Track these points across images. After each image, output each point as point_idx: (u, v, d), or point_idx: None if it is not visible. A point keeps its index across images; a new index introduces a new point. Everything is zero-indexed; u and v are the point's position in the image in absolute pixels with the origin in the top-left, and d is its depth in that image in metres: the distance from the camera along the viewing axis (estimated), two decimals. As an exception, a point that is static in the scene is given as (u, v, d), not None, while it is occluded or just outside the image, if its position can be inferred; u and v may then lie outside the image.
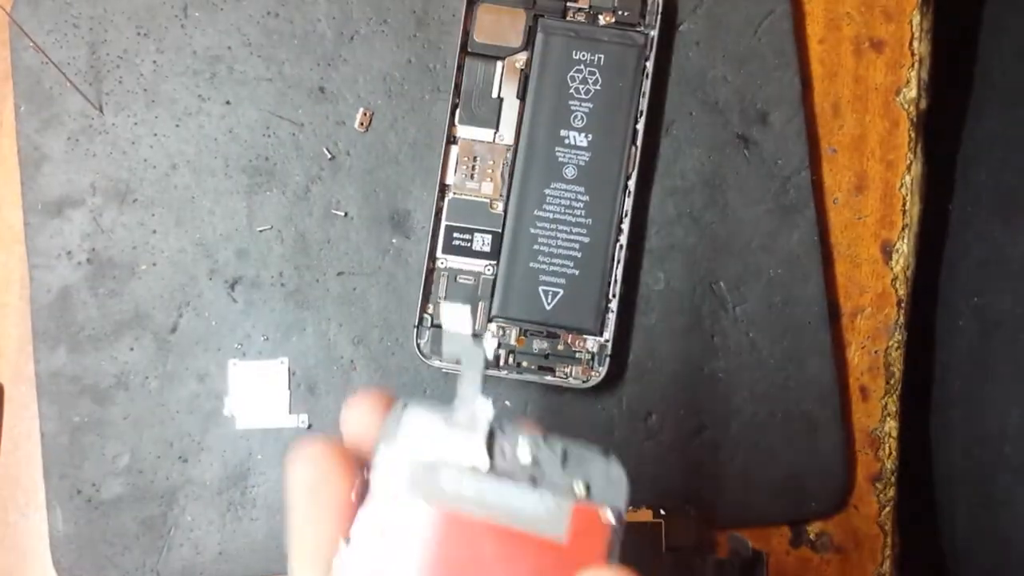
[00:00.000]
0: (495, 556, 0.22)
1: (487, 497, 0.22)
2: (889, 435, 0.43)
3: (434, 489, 0.22)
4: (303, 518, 0.22)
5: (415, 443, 0.23)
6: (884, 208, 0.43)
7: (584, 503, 0.22)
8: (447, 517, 0.22)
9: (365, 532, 0.22)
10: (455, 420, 0.23)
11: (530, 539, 0.22)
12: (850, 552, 0.42)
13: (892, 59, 0.44)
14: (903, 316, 0.43)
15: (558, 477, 0.23)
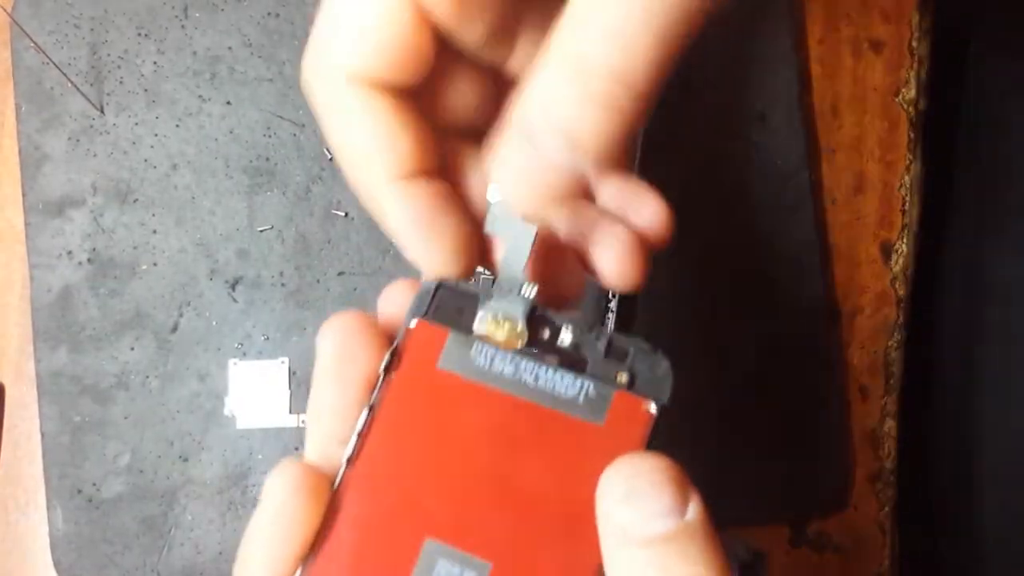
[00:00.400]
0: (527, 434, 0.21)
1: (523, 377, 0.21)
2: (889, 435, 0.43)
3: (466, 364, 0.21)
4: (326, 386, 0.21)
5: (448, 316, 0.22)
6: (884, 208, 0.43)
7: (626, 392, 0.22)
8: (477, 391, 0.21)
9: (390, 402, 0.21)
10: (493, 297, 0.22)
11: (565, 421, 0.21)
12: (850, 552, 0.42)
13: (892, 59, 0.44)
14: (903, 316, 0.43)
15: (600, 364, 0.22)
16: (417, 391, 0.21)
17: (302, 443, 0.41)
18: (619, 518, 0.19)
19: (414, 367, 0.21)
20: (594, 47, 0.19)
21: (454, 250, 0.22)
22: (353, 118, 0.22)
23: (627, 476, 0.20)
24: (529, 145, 0.20)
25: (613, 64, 0.19)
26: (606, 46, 0.19)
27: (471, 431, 0.21)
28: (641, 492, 0.20)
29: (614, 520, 0.20)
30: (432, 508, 0.20)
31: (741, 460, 0.41)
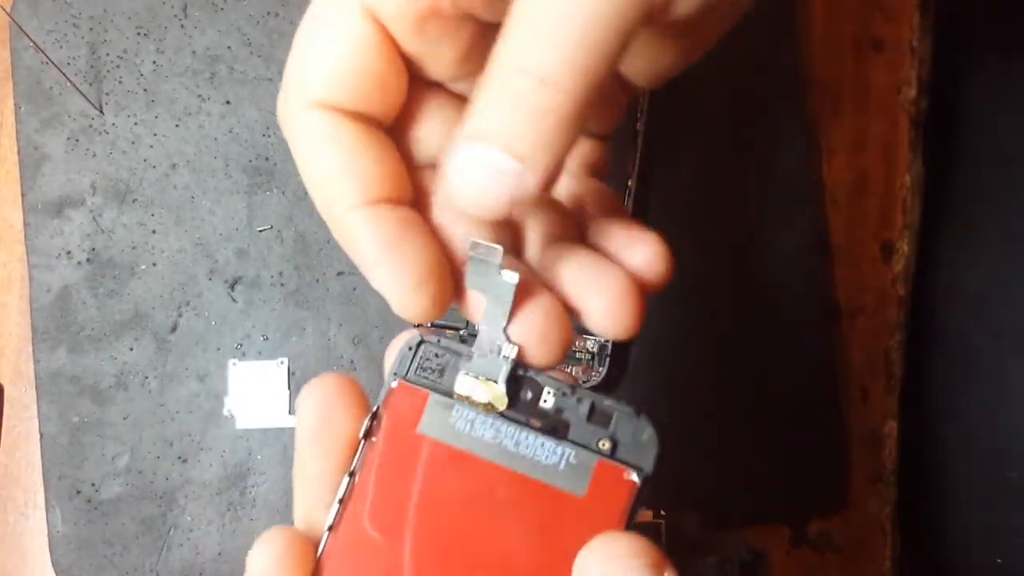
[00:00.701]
0: (507, 502, 0.21)
1: (503, 442, 0.21)
2: (889, 435, 0.43)
3: (446, 428, 0.21)
4: (307, 451, 0.21)
5: (430, 375, 0.22)
6: (884, 208, 0.43)
7: (608, 461, 0.21)
8: (457, 456, 0.21)
9: (370, 467, 0.21)
10: (474, 356, 0.22)
11: (546, 490, 0.21)
12: (850, 552, 0.42)
13: (892, 59, 0.44)
14: (903, 316, 0.43)
15: (582, 430, 0.22)
16: (397, 457, 0.21)
17: (301, 443, 0.41)
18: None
19: (394, 432, 0.21)
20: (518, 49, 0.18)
21: (420, 277, 0.21)
22: (319, 144, 0.21)
23: (601, 561, 0.19)
24: (471, 152, 0.19)
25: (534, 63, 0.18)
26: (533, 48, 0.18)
27: (451, 498, 0.21)
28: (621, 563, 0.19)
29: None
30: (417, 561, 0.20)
31: (741, 460, 0.41)
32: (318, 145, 0.21)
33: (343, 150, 0.21)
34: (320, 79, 0.21)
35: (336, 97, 0.21)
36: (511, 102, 0.19)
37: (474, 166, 0.19)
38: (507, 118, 0.19)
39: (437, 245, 0.22)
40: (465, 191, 0.19)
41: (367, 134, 0.21)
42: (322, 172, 0.21)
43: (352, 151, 0.21)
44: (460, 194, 0.19)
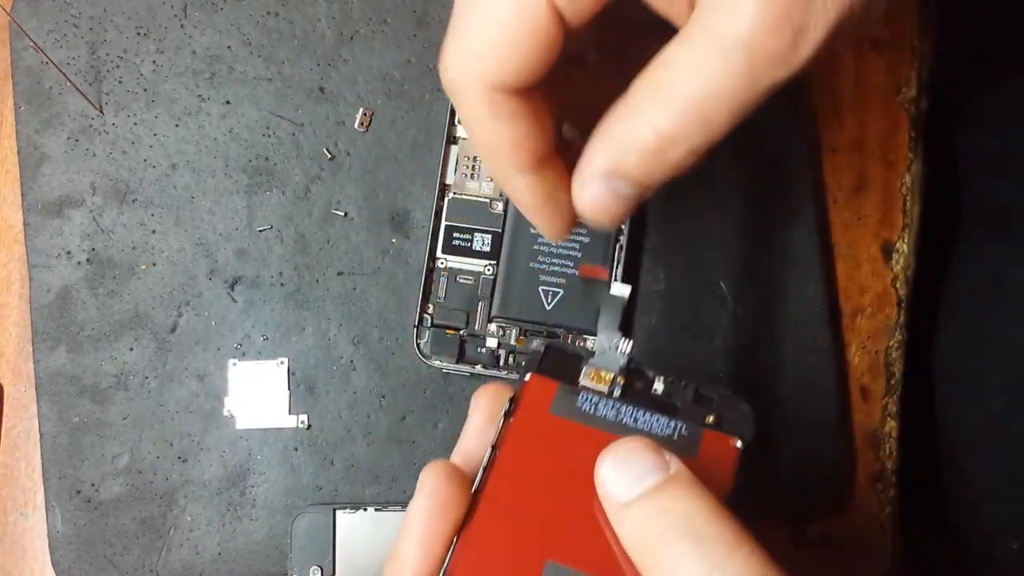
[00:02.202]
0: None
1: (624, 419, 0.25)
2: (889, 435, 0.43)
3: (573, 409, 0.25)
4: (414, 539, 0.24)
5: (557, 372, 0.25)
6: (884, 208, 0.43)
7: (715, 431, 0.25)
8: (585, 432, 0.24)
9: (510, 442, 0.24)
10: (596, 354, 0.26)
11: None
12: (850, 552, 0.42)
13: (892, 59, 0.44)
14: (903, 316, 0.43)
15: (690, 409, 0.26)
16: (533, 433, 0.24)
17: (301, 443, 0.41)
18: (613, 487, 0.22)
19: (530, 412, 0.25)
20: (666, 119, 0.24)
21: (564, 228, 0.27)
22: (487, 125, 0.25)
23: (612, 452, 0.23)
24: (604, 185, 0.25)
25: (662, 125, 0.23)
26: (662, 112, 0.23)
27: (580, 467, 0.23)
28: (626, 459, 0.22)
29: (610, 490, 0.22)
30: (550, 534, 0.23)
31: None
32: (490, 125, 0.25)
33: (503, 130, 0.25)
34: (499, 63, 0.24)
35: (514, 78, 0.24)
36: (639, 148, 0.24)
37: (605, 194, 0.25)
38: (633, 159, 0.24)
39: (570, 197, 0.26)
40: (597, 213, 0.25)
41: (526, 107, 0.25)
42: (488, 145, 0.26)
43: (510, 131, 0.25)
44: (593, 215, 0.26)
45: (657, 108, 0.24)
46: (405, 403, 0.41)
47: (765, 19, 0.22)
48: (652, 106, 0.24)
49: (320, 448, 0.41)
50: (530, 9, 0.23)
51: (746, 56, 0.22)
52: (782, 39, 0.22)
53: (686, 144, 0.24)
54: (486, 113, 0.25)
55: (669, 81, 0.24)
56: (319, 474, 0.41)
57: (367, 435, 0.41)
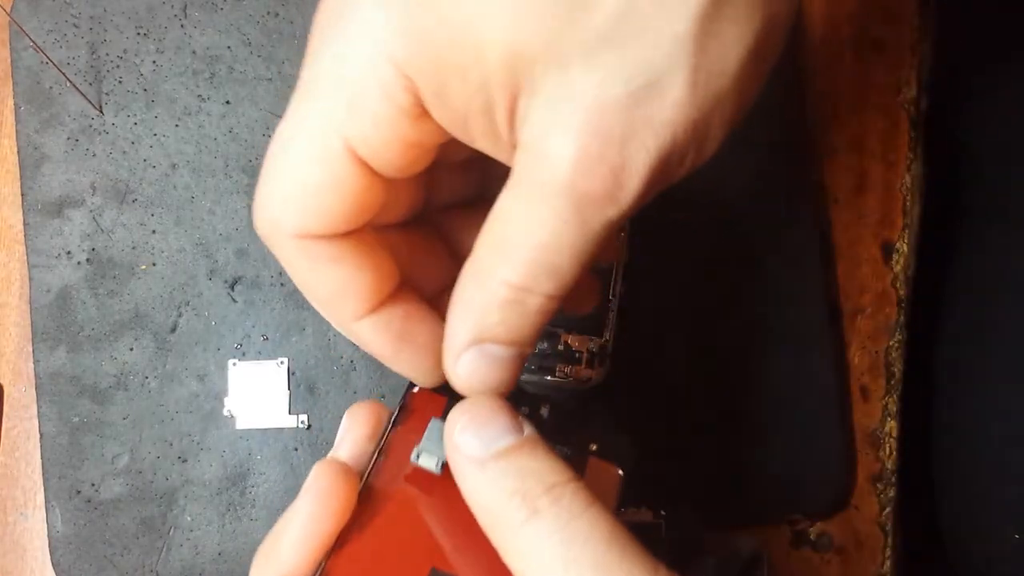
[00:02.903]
0: None
1: None
2: (889, 435, 0.43)
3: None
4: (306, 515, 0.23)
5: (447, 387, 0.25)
6: (884, 208, 0.43)
7: (598, 458, 0.25)
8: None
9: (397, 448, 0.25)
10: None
11: None
12: (850, 552, 0.42)
13: (892, 59, 0.44)
14: (903, 316, 0.43)
15: (576, 436, 0.26)
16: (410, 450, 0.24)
17: (301, 443, 0.41)
18: (467, 446, 0.22)
19: (417, 422, 0.25)
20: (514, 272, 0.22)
21: (429, 367, 0.25)
22: (306, 273, 0.24)
23: (466, 410, 0.23)
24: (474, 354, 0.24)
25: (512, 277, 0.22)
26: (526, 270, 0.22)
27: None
28: (482, 418, 0.22)
29: (463, 450, 0.22)
30: (434, 541, 0.23)
31: (742, 460, 0.41)
32: (308, 273, 0.24)
33: (332, 275, 0.24)
34: (293, 207, 0.23)
35: (319, 227, 0.23)
36: (497, 306, 0.23)
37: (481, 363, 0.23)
38: (494, 319, 0.23)
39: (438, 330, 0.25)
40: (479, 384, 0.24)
41: (350, 251, 0.24)
42: (318, 295, 0.25)
43: (341, 273, 0.24)
44: (470, 385, 0.24)
45: (502, 263, 0.23)
46: (405, 403, 0.41)
47: (581, 163, 0.21)
48: (497, 262, 0.23)
49: (320, 448, 0.41)
50: (331, 161, 0.22)
51: (571, 202, 0.21)
52: (602, 181, 0.21)
53: (541, 292, 0.23)
54: (302, 261, 0.24)
55: (507, 234, 0.23)
56: (319, 474, 0.41)
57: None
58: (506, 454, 0.22)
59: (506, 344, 0.23)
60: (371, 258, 0.24)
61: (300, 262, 0.24)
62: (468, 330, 0.23)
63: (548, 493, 0.21)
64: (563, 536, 0.20)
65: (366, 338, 0.25)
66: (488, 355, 0.24)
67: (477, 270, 0.23)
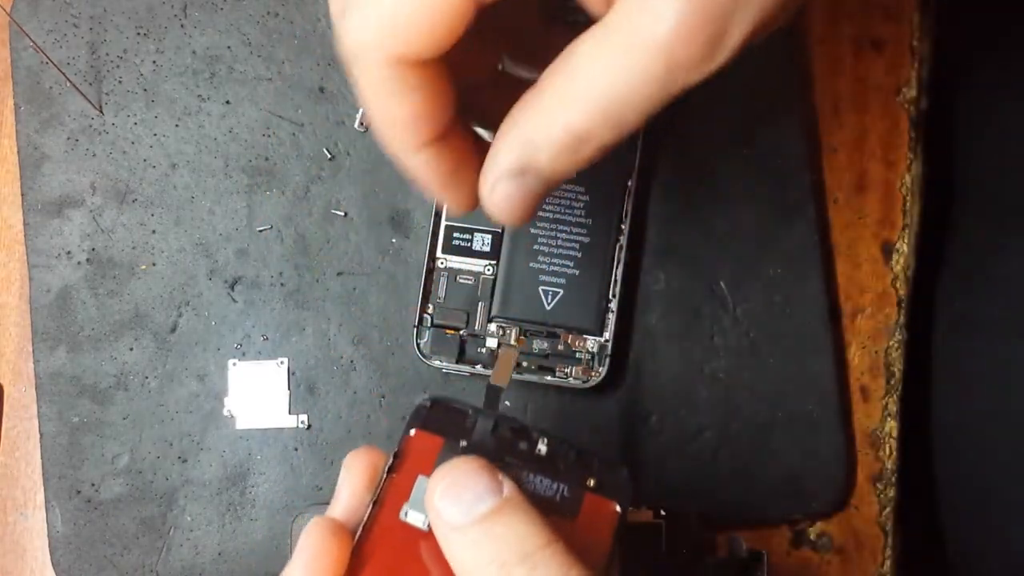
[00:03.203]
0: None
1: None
2: (889, 435, 0.43)
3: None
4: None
5: (441, 427, 0.26)
6: (884, 208, 0.43)
7: (595, 495, 0.25)
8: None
9: (392, 497, 0.24)
10: (480, 416, 0.26)
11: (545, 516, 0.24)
12: (851, 552, 0.42)
13: (892, 59, 0.44)
14: (903, 316, 0.43)
15: (573, 472, 0.25)
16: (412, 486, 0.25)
17: (301, 443, 0.41)
18: (447, 512, 0.22)
19: (413, 469, 0.25)
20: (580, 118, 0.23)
21: (471, 203, 0.27)
22: (385, 99, 0.24)
23: (445, 474, 0.23)
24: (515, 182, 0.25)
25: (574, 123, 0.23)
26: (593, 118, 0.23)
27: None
28: (460, 483, 0.23)
29: (444, 516, 0.23)
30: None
31: (742, 460, 0.41)
32: (388, 98, 0.24)
33: (410, 102, 0.24)
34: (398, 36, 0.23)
35: (414, 51, 0.23)
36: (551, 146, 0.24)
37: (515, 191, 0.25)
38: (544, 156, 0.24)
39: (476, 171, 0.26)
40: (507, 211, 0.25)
41: (427, 80, 0.24)
42: (386, 119, 0.25)
43: (418, 101, 0.24)
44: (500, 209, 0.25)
45: (570, 107, 0.23)
46: (405, 403, 0.41)
47: (686, 25, 0.22)
48: (565, 105, 0.24)
49: (320, 448, 0.41)
50: None
51: (664, 61, 0.22)
52: (699, 49, 0.22)
53: (598, 142, 0.24)
54: (385, 86, 0.24)
55: (583, 81, 0.23)
56: (319, 474, 0.41)
57: (367, 435, 0.41)
58: (484, 520, 0.22)
59: (545, 180, 0.25)
60: (444, 89, 0.25)
61: (384, 86, 0.24)
62: (515, 160, 0.24)
63: (523, 563, 0.21)
64: None
65: (422, 167, 0.26)
66: (525, 186, 0.25)
67: (540, 107, 0.24)
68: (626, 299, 0.41)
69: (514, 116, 0.25)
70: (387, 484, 0.25)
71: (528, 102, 0.24)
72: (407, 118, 0.24)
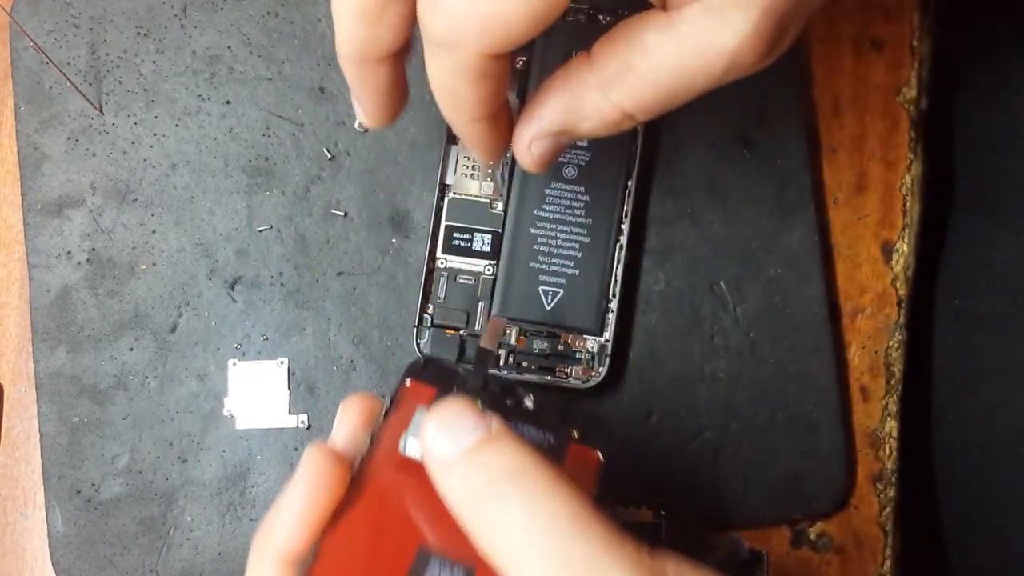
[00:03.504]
0: None
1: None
2: (889, 435, 0.43)
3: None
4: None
5: (435, 381, 0.27)
6: (884, 208, 0.43)
7: (579, 444, 0.27)
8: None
9: (388, 438, 0.26)
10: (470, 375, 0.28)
11: None
12: (850, 552, 0.42)
13: (892, 59, 0.44)
14: (903, 316, 0.43)
15: (557, 424, 0.27)
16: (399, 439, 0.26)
17: (301, 443, 0.41)
18: (438, 448, 0.23)
19: (409, 411, 0.26)
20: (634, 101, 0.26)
21: (499, 154, 0.30)
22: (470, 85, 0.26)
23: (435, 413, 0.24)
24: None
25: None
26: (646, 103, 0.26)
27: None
28: (449, 419, 0.24)
29: (436, 453, 0.23)
30: (422, 523, 0.24)
31: (741, 460, 0.41)
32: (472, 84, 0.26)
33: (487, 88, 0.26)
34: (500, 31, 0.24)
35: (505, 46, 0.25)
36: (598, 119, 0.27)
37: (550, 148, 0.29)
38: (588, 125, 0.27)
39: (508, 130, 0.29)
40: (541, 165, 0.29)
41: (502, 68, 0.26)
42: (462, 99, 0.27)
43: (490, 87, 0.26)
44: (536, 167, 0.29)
45: (627, 91, 0.26)
46: (405, 403, 0.41)
47: (756, 35, 0.24)
48: (623, 87, 0.26)
49: (320, 448, 0.41)
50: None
51: (728, 63, 0.24)
52: (759, 56, 0.24)
53: (638, 121, 0.26)
54: (470, 73, 0.25)
55: (644, 69, 0.25)
56: (319, 474, 0.41)
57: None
58: (473, 451, 0.23)
59: (576, 139, 0.28)
60: (507, 73, 0.27)
61: (466, 74, 0.25)
62: (557, 123, 0.27)
63: (512, 480, 0.22)
64: (530, 520, 0.22)
65: (475, 135, 0.28)
66: (558, 143, 0.28)
67: (592, 81, 0.26)
68: (626, 299, 0.41)
69: (561, 83, 0.27)
70: (384, 424, 0.26)
71: (578, 72, 0.26)
72: (478, 99, 0.26)
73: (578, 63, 0.27)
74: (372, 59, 0.28)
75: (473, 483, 0.23)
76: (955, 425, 0.45)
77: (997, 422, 0.42)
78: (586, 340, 0.40)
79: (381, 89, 0.30)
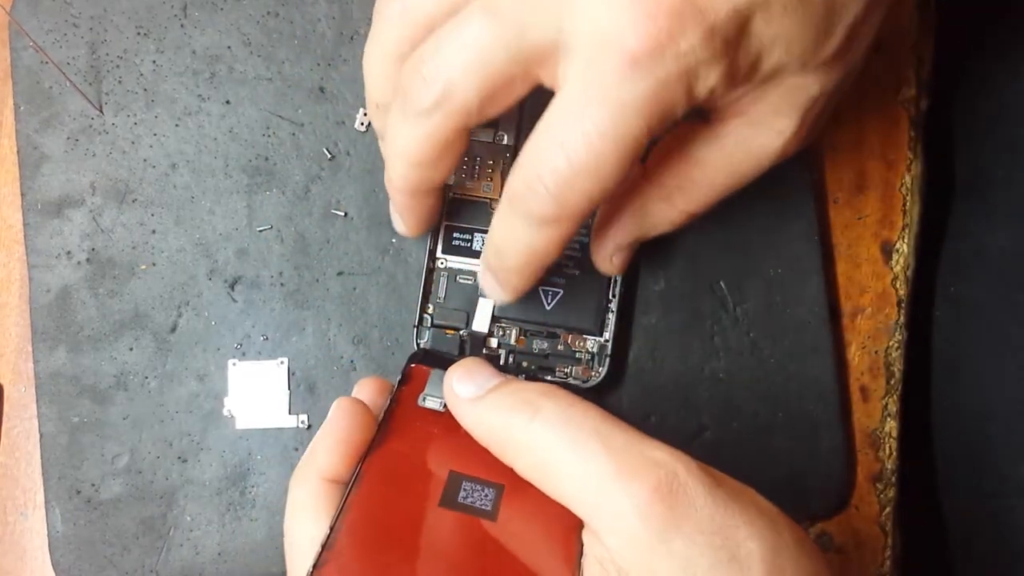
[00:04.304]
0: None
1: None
2: (889, 435, 0.43)
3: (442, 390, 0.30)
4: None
5: (434, 364, 0.32)
6: (884, 208, 0.43)
7: None
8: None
9: (403, 403, 0.30)
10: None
11: None
12: (850, 552, 0.42)
13: (892, 59, 0.44)
14: (903, 316, 0.43)
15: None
16: (411, 408, 0.30)
17: (301, 443, 0.41)
18: (463, 391, 0.27)
19: (419, 383, 0.31)
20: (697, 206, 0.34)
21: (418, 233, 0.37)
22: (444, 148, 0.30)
23: (458, 366, 0.29)
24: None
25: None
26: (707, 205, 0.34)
27: (453, 422, 0.28)
28: (471, 370, 0.28)
29: (461, 395, 0.27)
30: (449, 455, 0.28)
31: (741, 461, 0.41)
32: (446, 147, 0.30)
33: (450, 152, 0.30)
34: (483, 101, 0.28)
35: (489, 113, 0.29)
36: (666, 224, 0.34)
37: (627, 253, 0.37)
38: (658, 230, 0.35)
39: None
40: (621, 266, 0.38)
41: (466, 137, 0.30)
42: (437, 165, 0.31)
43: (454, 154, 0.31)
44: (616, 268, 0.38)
45: (690, 200, 0.32)
46: (405, 403, 0.41)
47: (798, 135, 0.28)
48: (686, 197, 0.32)
49: (320, 448, 0.41)
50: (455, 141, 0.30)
51: (775, 159, 0.29)
52: (806, 141, 0.29)
53: (702, 213, 0.32)
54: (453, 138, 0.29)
55: (701, 179, 0.31)
56: (319, 474, 0.41)
57: (367, 435, 0.41)
58: (497, 388, 0.27)
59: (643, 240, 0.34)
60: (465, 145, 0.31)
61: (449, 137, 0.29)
62: (633, 235, 0.34)
63: (544, 394, 0.26)
64: (565, 420, 0.25)
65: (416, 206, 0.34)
66: (632, 249, 0.35)
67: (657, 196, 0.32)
68: (626, 299, 0.41)
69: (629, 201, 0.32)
70: (398, 392, 0.31)
71: (641, 190, 0.32)
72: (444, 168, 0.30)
73: (637, 179, 0.32)
74: (422, 193, 0.32)
75: (502, 405, 0.26)
76: (955, 425, 0.45)
77: (997, 422, 0.42)
78: (586, 340, 0.40)
79: (424, 212, 0.34)
